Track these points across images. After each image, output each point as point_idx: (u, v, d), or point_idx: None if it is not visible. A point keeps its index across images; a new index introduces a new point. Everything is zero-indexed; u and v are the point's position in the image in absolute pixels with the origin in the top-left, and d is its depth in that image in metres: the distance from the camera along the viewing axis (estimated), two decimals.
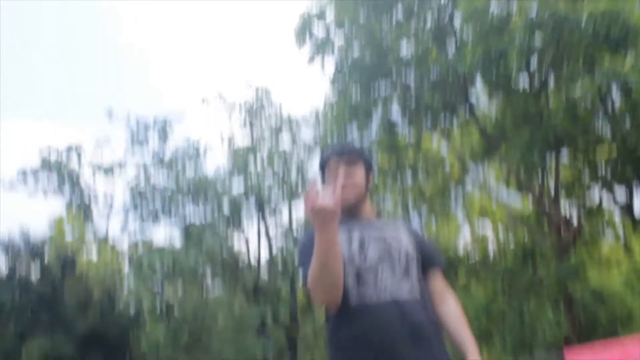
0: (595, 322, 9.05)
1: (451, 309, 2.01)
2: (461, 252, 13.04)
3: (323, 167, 2.08)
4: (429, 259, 2.05)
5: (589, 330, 8.76)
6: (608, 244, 12.43)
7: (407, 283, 1.92)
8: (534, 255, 9.56)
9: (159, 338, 13.12)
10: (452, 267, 10.31)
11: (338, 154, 2.05)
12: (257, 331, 11.71)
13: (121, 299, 11.47)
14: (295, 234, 13.76)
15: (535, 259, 9.40)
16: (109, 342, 14.35)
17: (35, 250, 15.82)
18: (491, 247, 13.43)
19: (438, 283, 2.05)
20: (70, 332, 14.08)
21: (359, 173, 2.04)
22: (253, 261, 14.35)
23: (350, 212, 2.00)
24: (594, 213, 10.90)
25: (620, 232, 11.86)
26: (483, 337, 9.41)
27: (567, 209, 11.14)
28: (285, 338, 11.32)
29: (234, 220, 13.91)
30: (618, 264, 11.90)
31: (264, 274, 13.92)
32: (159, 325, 13.17)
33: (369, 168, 2.09)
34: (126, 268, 15.66)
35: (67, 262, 15.66)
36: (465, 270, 11.40)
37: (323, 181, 2.07)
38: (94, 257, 17.18)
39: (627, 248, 11.60)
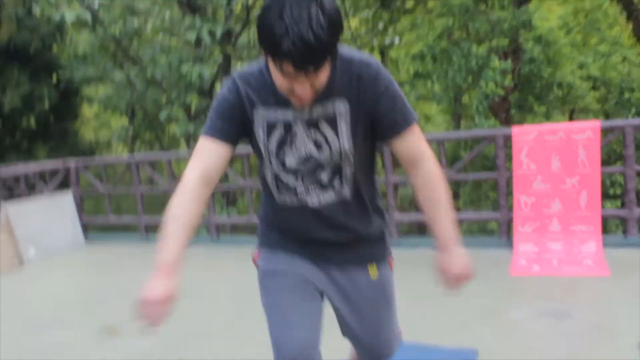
0: (536, 75, 8.85)
1: (421, 180, 1.64)
2: None
3: (270, 53, 1.37)
4: (391, 127, 1.60)
5: (529, 83, 8.79)
6: None
7: (333, 188, 1.66)
8: None
9: (85, 48, 12.18)
10: None
11: (299, 67, 1.34)
12: (192, 49, 10.65)
13: (39, 4, 10.07)
14: None
15: (494, 2, 8.85)
16: (27, 54, 13.46)
17: None
18: None
19: (405, 148, 1.62)
20: None
21: (324, 74, 1.42)
22: None
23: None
24: None
25: None
26: (422, 76, 9.21)
27: None
28: (222, 56, 10.21)
29: None
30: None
31: None
32: (84, 34, 11.90)
33: (335, 56, 1.43)
34: None
35: None
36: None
37: (266, 66, 1.48)
38: None
39: None
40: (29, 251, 6.28)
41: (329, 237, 1.73)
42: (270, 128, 1.59)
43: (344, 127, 1.57)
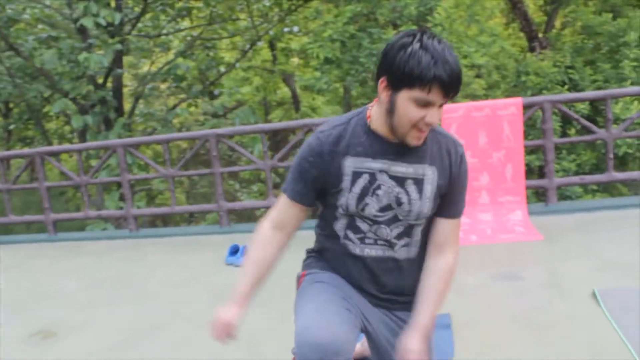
0: None
1: (436, 267, 1.72)
2: None
3: (417, 81, 1.44)
4: (448, 208, 1.72)
5: None
6: None
7: (401, 242, 1.72)
8: None
9: None
10: None
11: (447, 90, 1.46)
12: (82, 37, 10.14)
13: None
14: None
15: None
16: None
17: None
18: None
19: (443, 231, 1.73)
20: None
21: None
22: None
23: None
24: None
25: None
26: (332, 62, 9.16)
27: None
28: (115, 44, 9.29)
29: None
30: None
31: None
32: None
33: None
34: None
35: None
36: None
37: (390, 89, 1.52)
38: None
39: None
40: None
41: (377, 293, 1.81)
42: (355, 176, 1.65)
43: (429, 191, 1.67)
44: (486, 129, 4.87)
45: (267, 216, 1.80)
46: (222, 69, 12.81)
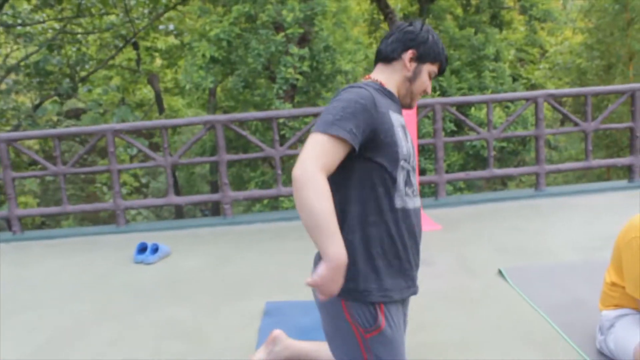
0: (322, 63, 9.38)
1: None
2: None
3: (438, 61, 1.87)
4: None
5: (317, 70, 9.24)
6: None
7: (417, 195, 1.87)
8: None
9: None
10: None
11: (444, 68, 1.95)
12: None
13: None
14: None
15: None
16: None
17: None
18: None
19: None
20: None
21: None
22: None
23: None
24: None
25: None
26: (217, 61, 9.22)
27: None
28: None
29: None
30: None
31: None
32: None
33: None
34: None
35: None
36: None
37: (416, 61, 1.85)
38: None
39: None
40: None
41: (415, 272, 1.85)
42: (399, 129, 1.73)
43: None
44: None
45: (312, 161, 1.52)
46: (94, 65, 12.12)
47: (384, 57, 1.86)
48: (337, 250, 1.47)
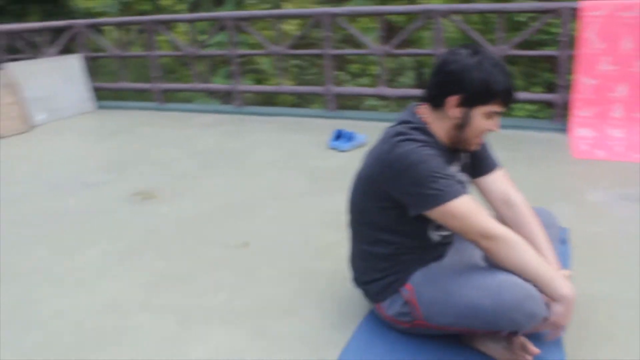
0: None
1: (519, 212, 1.76)
2: None
3: (498, 98, 1.57)
4: (485, 166, 1.84)
5: None
6: None
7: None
8: None
9: None
10: None
11: (512, 98, 1.60)
12: None
13: None
14: None
15: None
16: None
17: None
18: None
19: (499, 185, 1.82)
20: None
21: None
22: None
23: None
24: None
25: None
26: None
27: None
28: None
29: None
30: None
31: None
32: None
33: None
34: None
35: None
36: None
37: (464, 106, 1.59)
38: None
39: None
40: (39, 115, 5.88)
41: None
42: None
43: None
44: (632, 33, 4.23)
45: (493, 224, 1.57)
46: None
47: (429, 101, 1.66)
48: (566, 290, 1.51)
